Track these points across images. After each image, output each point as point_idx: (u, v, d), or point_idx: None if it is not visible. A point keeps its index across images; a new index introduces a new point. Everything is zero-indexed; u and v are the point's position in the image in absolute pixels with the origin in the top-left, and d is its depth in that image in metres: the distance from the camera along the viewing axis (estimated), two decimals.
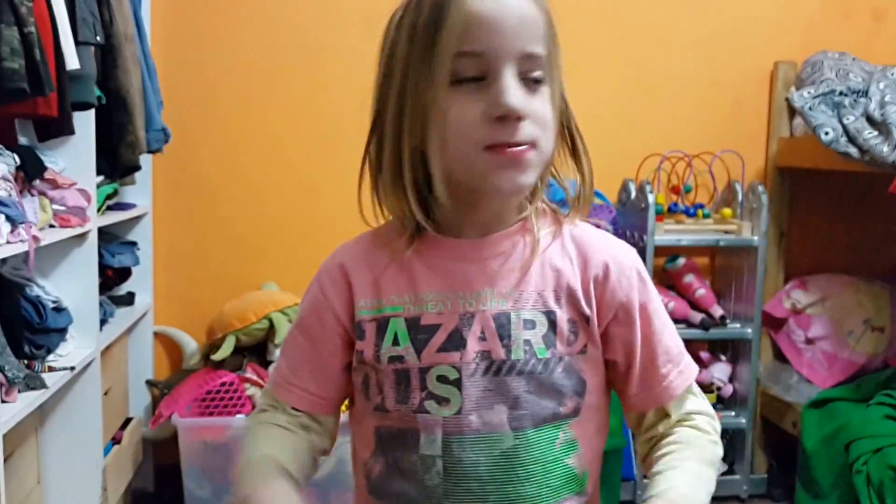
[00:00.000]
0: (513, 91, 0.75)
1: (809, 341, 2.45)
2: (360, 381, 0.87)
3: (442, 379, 0.81)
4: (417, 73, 0.77)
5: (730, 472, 2.59)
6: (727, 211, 2.60)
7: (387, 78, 0.82)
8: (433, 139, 0.77)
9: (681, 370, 0.86)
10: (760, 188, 2.51)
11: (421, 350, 0.81)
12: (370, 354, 0.83)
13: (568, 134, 0.84)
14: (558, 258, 0.84)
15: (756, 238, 2.49)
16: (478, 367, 0.81)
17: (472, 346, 0.81)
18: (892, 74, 2.34)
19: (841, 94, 2.39)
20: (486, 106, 0.75)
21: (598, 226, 0.90)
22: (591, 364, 0.84)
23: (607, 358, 0.85)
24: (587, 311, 0.82)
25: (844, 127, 2.19)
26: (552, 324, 0.82)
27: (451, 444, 0.81)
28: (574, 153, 0.85)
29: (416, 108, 0.78)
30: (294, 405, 0.89)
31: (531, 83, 0.77)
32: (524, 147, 0.76)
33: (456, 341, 0.81)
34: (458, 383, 0.81)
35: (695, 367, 0.88)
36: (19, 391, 1.60)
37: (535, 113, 0.77)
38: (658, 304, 0.86)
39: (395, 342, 0.82)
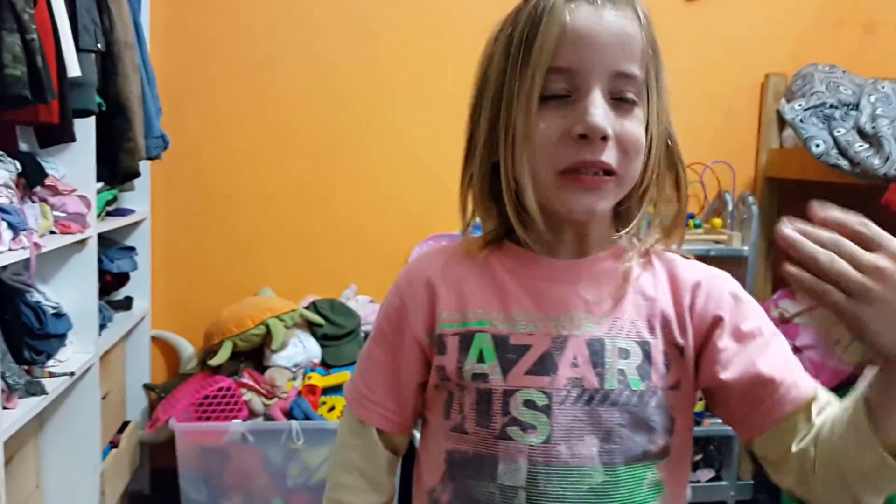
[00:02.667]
0: (598, 109, 0.71)
1: (797, 350, 2.48)
2: (442, 399, 0.82)
3: (529, 404, 0.75)
4: (510, 88, 0.75)
5: (717, 478, 2.62)
6: (717, 221, 2.63)
7: (481, 91, 0.80)
8: (519, 156, 0.75)
9: (794, 382, 0.75)
10: (750, 199, 2.55)
11: (508, 370, 0.76)
12: (452, 369, 0.79)
13: (669, 160, 0.80)
14: (650, 287, 0.80)
15: (746, 248, 2.53)
16: (569, 395, 0.75)
17: (564, 371, 0.76)
18: (883, 88, 2.38)
19: (832, 106, 2.42)
20: (569, 123, 0.72)
21: (686, 258, 0.86)
22: (681, 402, 0.79)
23: (712, 385, 0.78)
24: (680, 340, 0.78)
25: (835, 139, 2.22)
26: (647, 354, 0.77)
27: (538, 476, 0.75)
28: (676, 181, 0.81)
29: (508, 123, 0.75)
30: (378, 426, 0.86)
31: (623, 104, 0.74)
32: (601, 175, 0.73)
33: (547, 365, 0.76)
34: (546, 410, 0.75)
35: (813, 381, 0.77)
36: (20, 397, 1.61)
37: (622, 135, 0.73)
38: (758, 323, 0.78)
39: (481, 359, 0.78)
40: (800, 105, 2.49)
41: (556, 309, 0.78)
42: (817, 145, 2.25)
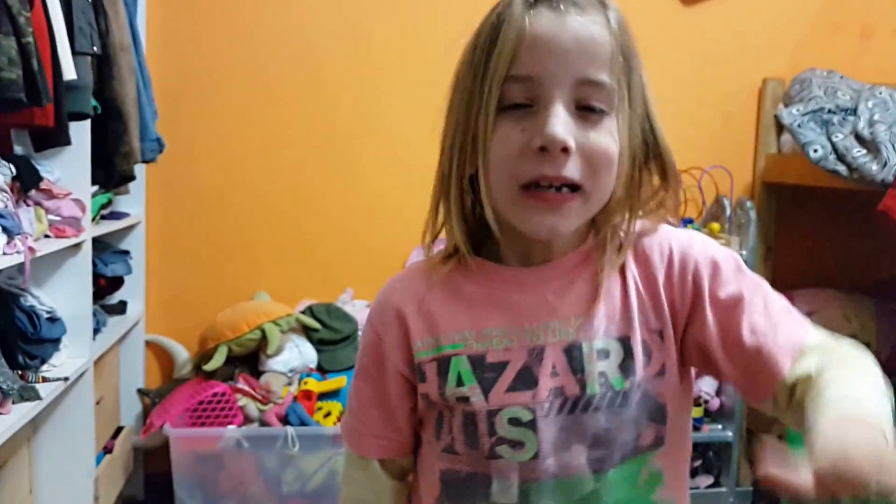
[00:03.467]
0: (559, 120, 0.68)
1: None
2: (433, 419, 0.80)
3: (514, 422, 0.74)
4: (470, 99, 0.72)
5: (716, 484, 2.61)
6: (715, 226, 2.63)
7: (450, 102, 0.77)
8: (480, 168, 0.72)
9: (779, 343, 0.72)
10: (748, 203, 2.54)
11: (489, 390, 0.74)
12: (435, 395, 0.77)
13: (657, 164, 0.76)
14: (619, 274, 0.76)
15: (744, 253, 2.52)
16: (552, 406, 0.73)
17: (545, 383, 0.74)
18: (881, 93, 2.38)
19: (829, 111, 2.42)
20: (529, 135, 0.69)
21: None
22: (669, 386, 0.76)
23: (700, 363, 0.76)
24: (657, 324, 0.75)
25: (833, 145, 2.22)
26: (626, 349, 0.74)
27: (529, 492, 0.74)
28: (663, 171, 0.77)
29: (468, 135, 0.73)
30: (377, 456, 0.85)
31: (589, 114, 0.70)
32: (564, 191, 0.69)
33: (526, 379, 0.74)
34: (532, 425, 0.73)
35: (804, 328, 0.75)
36: (13, 402, 1.60)
37: (589, 148, 0.69)
38: (736, 286, 0.75)
39: (460, 382, 0.75)
40: (797, 110, 2.49)
41: (528, 319, 0.76)
42: (815, 150, 2.25)
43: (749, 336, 0.73)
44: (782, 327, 0.74)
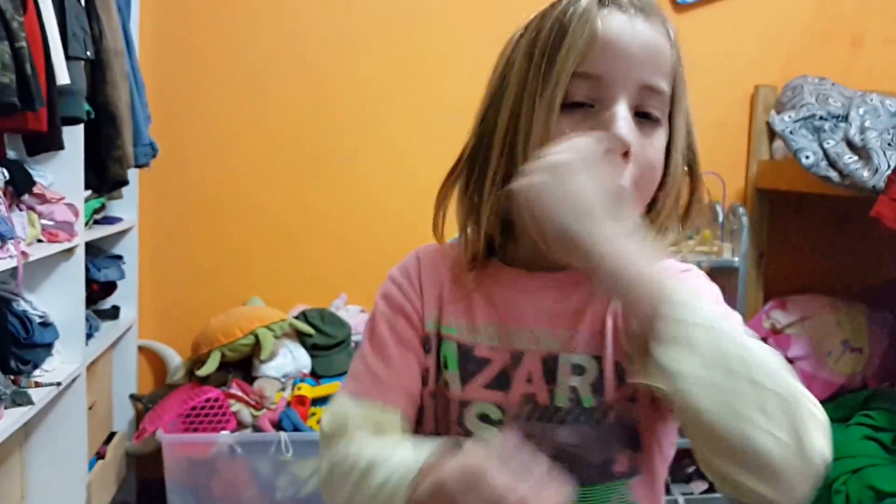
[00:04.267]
0: (627, 122, 0.68)
1: (789, 361, 2.48)
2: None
3: (484, 417, 0.75)
4: (532, 93, 0.71)
5: (710, 489, 2.61)
6: (708, 232, 2.64)
7: (497, 96, 0.75)
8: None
9: None
10: (741, 210, 2.55)
11: (467, 381, 0.76)
12: (432, 374, 0.78)
13: (691, 182, 0.76)
14: (606, 296, 0.76)
15: (736, 259, 2.53)
16: (521, 411, 0.74)
17: (518, 387, 0.75)
18: (871, 100, 2.39)
19: (821, 118, 2.44)
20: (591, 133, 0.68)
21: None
22: (644, 413, 0.75)
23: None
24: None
25: (825, 151, 2.23)
26: (600, 369, 0.74)
27: None
28: (688, 204, 0.77)
29: (527, 129, 0.71)
30: (401, 406, 0.77)
31: (647, 121, 0.70)
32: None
33: (503, 380, 0.75)
34: (500, 424, 0.75)
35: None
36: (5, 408, 1.59)
37: (643, 159, 0.70)
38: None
39: (444, 365, 0.77)
40: (789, 117, 2.50)
41: (517, 322, 0.76)
42: (807, 157, 2.26)
43: None
44: None
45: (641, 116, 0.70)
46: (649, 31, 0.70)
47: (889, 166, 1.95)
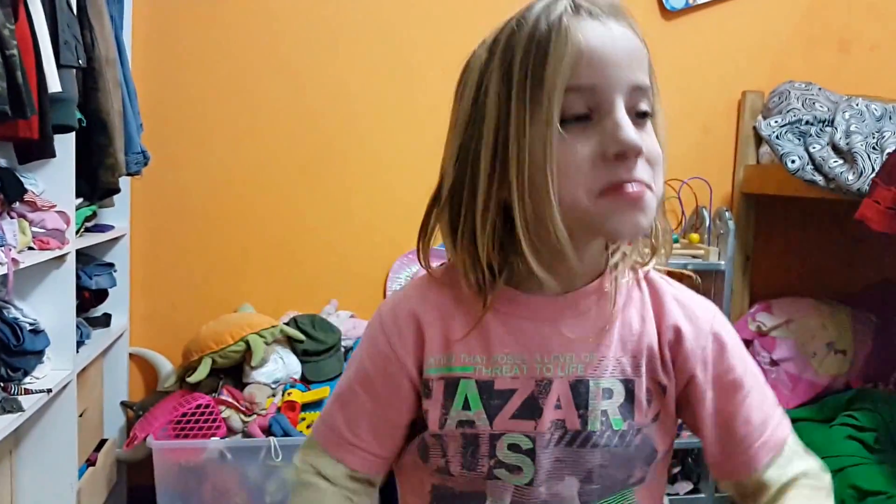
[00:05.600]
0: (630, 126, 0.69)
1: (774, 363, 2.51)
2: (416, 445, 0.81)
3: (514, 448, 0.76)
4: (519, 116, 0.69)
5: (695, 490, 2.63)
6: (695, 236, 2.66)
7: (473, 124, 0.73)
8: (542, 184, 0.69)
9: (765, 440, 0.78)
10: (727, 214, 2.58)
11: (494, 416, 0.76)
12: (435, 417, 0.77)
13: None
14: (637, 319, 0.78)
15: (723, 262, 2.56)
16: (552, 437, 0.75)
17: (548, 415, 0.75)
18: (857, 104, 2.42)
19: (807, 123, 2.46)
20: (600, 144, 0.68)
21: (681, 274, 0.85)
22: (661, 431, 0.79)
23: (689, 423, 0.80)
24: (664, 379, 0.78)
25: (810, 155, 2.25)
26: (629, 393, 0.76)
27: None
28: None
29: (518, 152, 0.69)
30: (354, 467, 0.81)
31: (640, 119, 0.71)
32: (642, 187, 0.69)
33: (531, 409, 0.76)
34: (531, 453, 0.75)
35: (786, 428, 0.80)
36: None
37: (648, 150, 0.70)
38: (741, 372, 0.79)
39: (466, 406, 0.76)
40: (776, 122, 2.53)
41: (539, 350, 0.76)
42: (793, 161, 2.29)
43: (742, 426, 0.78)
44: (770, 425, 0.79)
45: (636, 115, 0.71)
46: (624, 32, 0.71)
47: (873, 169, 1.98)
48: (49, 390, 1.78)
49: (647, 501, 0.81)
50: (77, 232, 2.05)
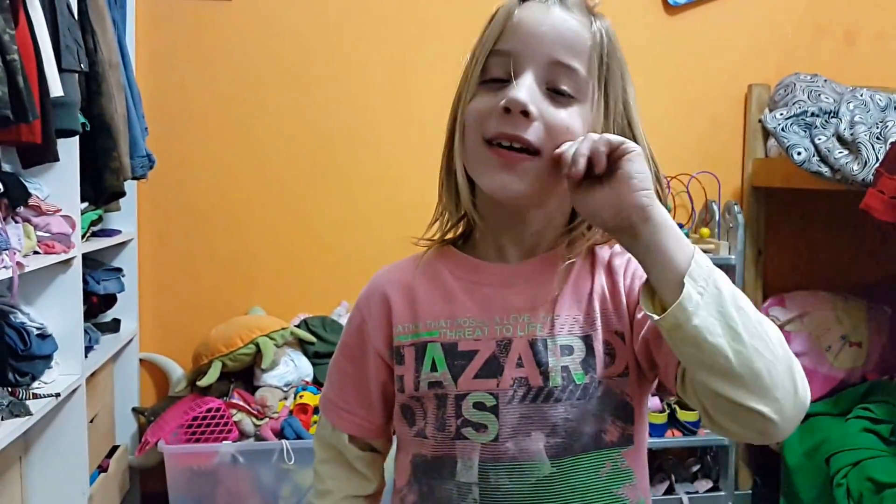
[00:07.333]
0: (524, 87, 0.75)
1: None
2: (399, 408, 0.87)
3: (479, 406, 0.80)
4: (466, 77, 0.81)
5: (714, 488, 2.61)
6: (705, 230, 2.64)
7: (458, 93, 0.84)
8: (458, 136, 0.81)
9: None
10: (736, 208, 2.56)
11: (458, 376, 0.81)
12: (410, 380, 0.83)
13: None
14: (587, 280, 0.83)
15: (733, 256, 2.53)
16: (515, 394, 0.79)
17: (510, 372, 0.79)
18: (861, 95, 2.40)
19: (813, 114, 2.44)
20: (498, 99, 0.76)
21: None
22: (637, 387, 0.82)
23: (643, 355, 0.80)
24: (619, 327, 0.81)
25: (816, 147, 2.24)
26: (589, 348, 0.80)
27: (488, 472, 0.79)
28: None
29: (463, 108, 0.81)
30: (349, 431, 0.93)
31: (559, 96, 0.77)
32: (521, 153, 0.76)
33: (493, 368, 0.80)
34: (495, 410, 0.79)
35: None
36: (3, 418, 1.60)
37: (550, 118, 0.76)
38: None
39: (434, 368, 0.82)
40: (781, 114, 2.51)
41: (499, 312, 0.82)
42: (799, 153, 2.27)
43: None
44: None
45: (554, 92, 0.77)
46: (564, 16, 0.77)
47: (877, 159, 1.96)
48: (57, 394, 1.78)
49: (640, 472, 0.82)
50: (83, 236, 2.06)
